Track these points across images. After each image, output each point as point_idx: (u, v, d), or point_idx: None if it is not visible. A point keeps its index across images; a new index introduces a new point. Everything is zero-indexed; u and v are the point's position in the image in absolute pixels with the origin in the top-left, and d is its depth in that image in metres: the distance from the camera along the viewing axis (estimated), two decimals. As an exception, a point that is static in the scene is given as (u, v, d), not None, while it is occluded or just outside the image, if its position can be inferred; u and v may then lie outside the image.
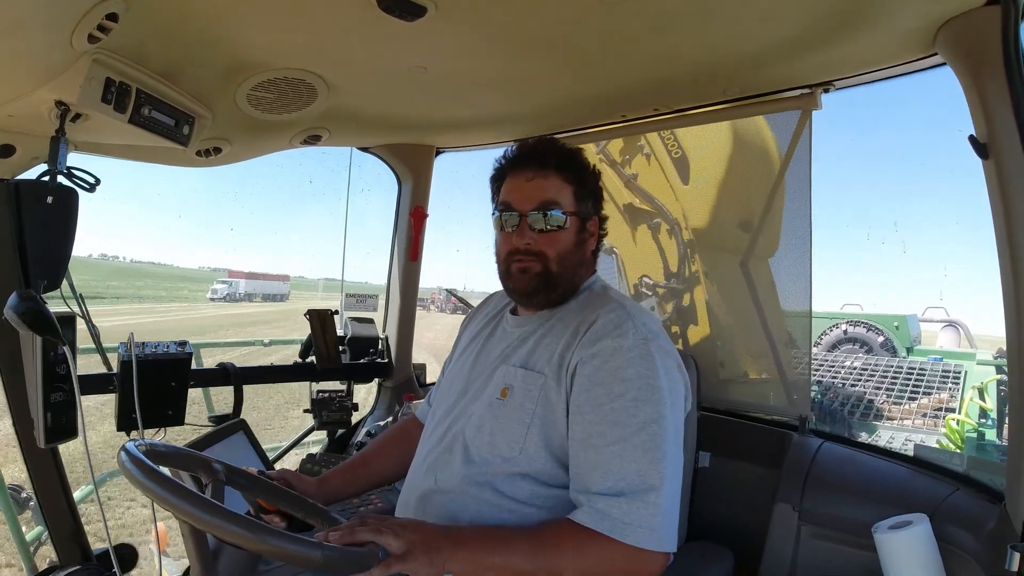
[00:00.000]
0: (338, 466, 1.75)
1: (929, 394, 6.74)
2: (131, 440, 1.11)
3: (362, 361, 2.91)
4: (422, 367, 3.13)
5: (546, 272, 1.46)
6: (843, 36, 1.56)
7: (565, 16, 1.47)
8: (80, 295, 2.00)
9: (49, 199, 1.70)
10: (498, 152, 1.57)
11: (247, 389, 2.54)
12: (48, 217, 1.76)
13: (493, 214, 1.53)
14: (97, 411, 6.06)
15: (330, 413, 2.76)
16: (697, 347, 2.36)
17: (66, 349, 1.74)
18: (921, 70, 1.70)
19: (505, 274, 1.52)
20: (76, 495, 2.19)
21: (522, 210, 1.47)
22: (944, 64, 1.55)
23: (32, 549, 2.61)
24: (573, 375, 1.34)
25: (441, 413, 1.57)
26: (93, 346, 2.17)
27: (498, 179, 1.55)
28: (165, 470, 1.04)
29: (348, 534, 1.13)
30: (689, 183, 2.35)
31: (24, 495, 2.65)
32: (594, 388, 1.31)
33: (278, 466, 2.21)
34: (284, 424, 9.64)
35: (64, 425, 1.84)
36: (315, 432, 2.91)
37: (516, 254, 1.48)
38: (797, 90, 1.90)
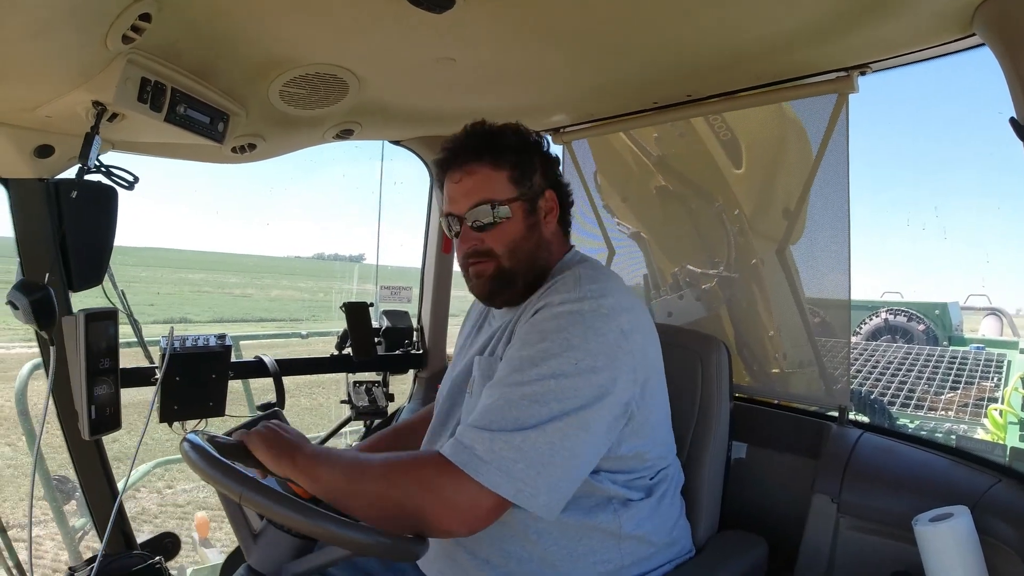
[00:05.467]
0: (377, 434, 1.83)
1: (971, 383, 6.60)
2: (193, 432, 1.21)
3: (397, 352, 2.94)
4: (455, 357, 3.15)
5: (499, 270, 1.41)
6: (878, 17, 1.52)
7: (592, 2, 1.45)
8: (122, 291, 2.05)
9: (73, 194, 1.75)
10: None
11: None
12: (88, 215, 1.81)
13: (440, 220, 1.49)
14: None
15: (366, 404, 2.79)
16: (743, 337, 2.33)
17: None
18: (959, 51, 1.64)
19: (466, 280, 1.48)
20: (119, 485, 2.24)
21: (459, 214, 1.41)
22: (983, 45, 1.50)
23: (77, 538, 2.68)
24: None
25: (437, 420, 1.55)
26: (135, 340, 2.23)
27: (440, 184, 1.50)
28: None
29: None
30: (743, 167, 2.30)
31: (69, 485, 2.73)
32: (515, 341, 1.29)
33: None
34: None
35: (108, 417, 1.90)
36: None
37: (468, 258, 1.43)
38: (832, 73, 1.86)
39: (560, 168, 1.56)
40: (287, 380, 2.53)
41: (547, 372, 1.18)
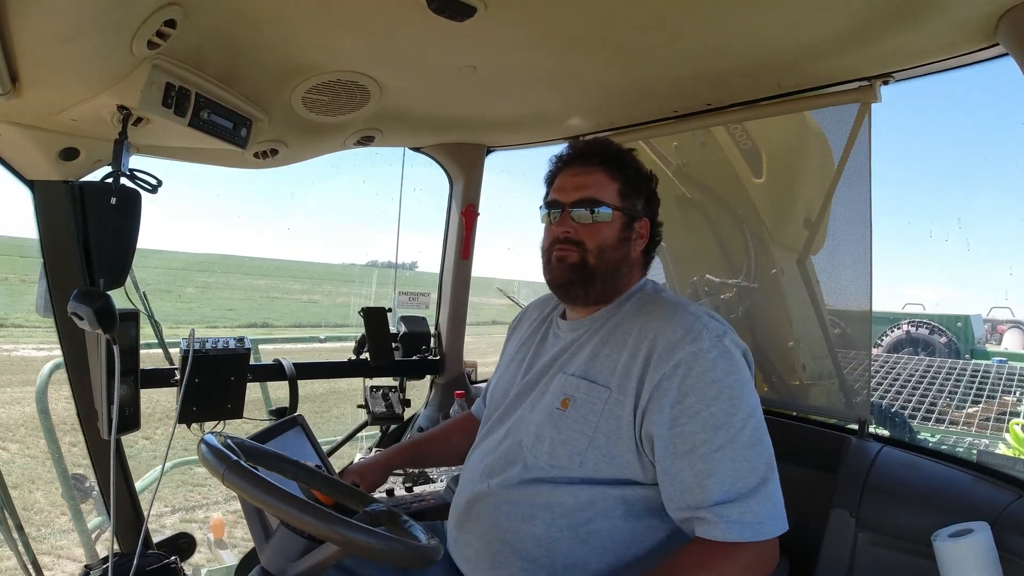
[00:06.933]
0: (402, 443, 1.95)
1: (993, 397, 6.53)
2: (211, 433, 1.22)
3: (414, 358, 2.95)
4: (473, 365, 3.16)
5: (583, 262, 1.46)
6: (901, 25, 1.50)
7: (614, 9, 1.46)
8: (143, 292, 2.07)
9: (113, 200, 1.77)
10: (550, 150, 1.58)
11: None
12: (112, 218, 1.82)
13: (540, 209, 1.55)
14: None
15: (382, 409, 2.80)
16: (762, 348, 2.31)
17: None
18: (983, 60, 1.63)
19: (546, 266, 1.53)
20: (136, 485, 2.26)
21: (565, 202, 1.49)
22: (1006, 55, 1.49)
23: (93, 537, 2.70)
24: (653, 390, 1.31)
25: (495, 420, 1.57)
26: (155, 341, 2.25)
27: (550, 181, 1.58)
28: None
29: None
30: (763, 177, 2.27)
31: (87, 484, 2.75)
32: (686, 398, 1.29)
33: (332, 459, 2.26)
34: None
35: (127, 418, 1.91)
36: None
37: (557, 243, 1.49)
38: (855, 82, 1.83)
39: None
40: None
41: (744, 414, 1.29)
